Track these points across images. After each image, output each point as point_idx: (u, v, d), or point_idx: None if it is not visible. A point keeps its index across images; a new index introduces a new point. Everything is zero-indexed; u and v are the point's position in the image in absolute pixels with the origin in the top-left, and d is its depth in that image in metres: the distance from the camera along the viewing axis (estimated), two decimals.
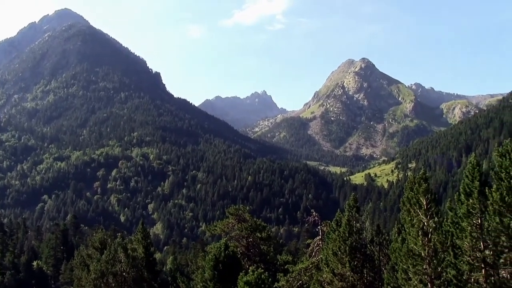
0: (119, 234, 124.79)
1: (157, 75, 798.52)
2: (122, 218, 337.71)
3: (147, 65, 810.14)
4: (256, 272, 51.80)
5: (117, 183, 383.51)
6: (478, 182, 38.06)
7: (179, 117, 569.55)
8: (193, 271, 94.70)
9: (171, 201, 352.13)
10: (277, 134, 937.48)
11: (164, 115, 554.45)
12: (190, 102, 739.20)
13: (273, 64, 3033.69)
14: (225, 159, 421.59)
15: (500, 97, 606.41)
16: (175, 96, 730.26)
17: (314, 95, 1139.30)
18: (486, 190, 37.11)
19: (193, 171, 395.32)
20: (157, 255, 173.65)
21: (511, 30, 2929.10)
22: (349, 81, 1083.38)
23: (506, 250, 36.54)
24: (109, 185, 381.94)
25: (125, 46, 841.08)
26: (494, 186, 37.27)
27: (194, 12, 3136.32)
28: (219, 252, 60.56)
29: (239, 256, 68.83)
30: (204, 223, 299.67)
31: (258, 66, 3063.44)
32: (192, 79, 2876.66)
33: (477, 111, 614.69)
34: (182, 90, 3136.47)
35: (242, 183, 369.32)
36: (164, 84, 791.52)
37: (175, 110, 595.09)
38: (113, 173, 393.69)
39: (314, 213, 72.45)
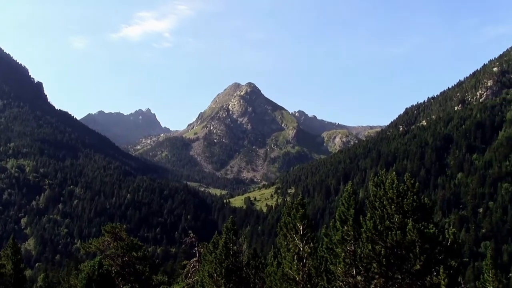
0: None
1: (39, 85, 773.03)
2: None
3: (29, 74, 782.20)
4: None
5: None
6: (353, 210, 39.04)
7: (60, 130, 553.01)
8: None
9: (46, 216, 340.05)
10: (159, 153, 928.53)
11: (44, 126, 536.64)
12: (72, 115, 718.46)
13: (159, 82, 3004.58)
14: (104, 176, 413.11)
15: (379, 129, 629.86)
16: (56, 108, 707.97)
17: (198, 116, 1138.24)
18: (361, 218, 38.16)
19: (71, 186, 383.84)
20: (28, 272, 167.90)
21: (391, 65, 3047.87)
22: (234, 104, 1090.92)
23: (377, 276, 37.64)
24: None
25: (7, 52, 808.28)
26: (368, 215, 38.42)
27: (79, 23, 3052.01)
28: (92, 270, 59.08)
29: (113, 275, 67.49)
30: (79, 240, 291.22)
31: (144, 83, 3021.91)
32: (75, 91, 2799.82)
33: (357, 142, 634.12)
34: (64, 103, 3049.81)
35: (120, 200, 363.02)
36: (46, 95, 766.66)
37: (55, 122, 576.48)
38: None
39: (191, 234, 72.40)
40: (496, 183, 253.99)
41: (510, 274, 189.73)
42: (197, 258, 69.56)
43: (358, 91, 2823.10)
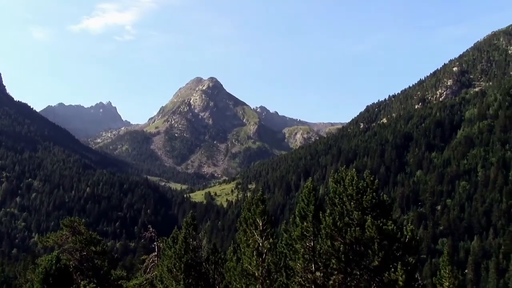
0: None
1: None
2: None
3: None
4: (88, 287, 50.43)
5: None
6: (313, 206, 39.12)
7: (18, 122, 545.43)
8: (21, 284, 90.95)
9: (3, 209, 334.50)
10: (119, 146, 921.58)
11: (2, 118, 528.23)
12: (31, 107, 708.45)
13: (120, 75, 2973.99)
14: (63, 169, 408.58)
15: (340, 126, 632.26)
16: (15, 99, 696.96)
17: (160, 110, 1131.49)
18: (320, 214, 38.28)
19: (29, 179, 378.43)
20: None
21: (353, 63, 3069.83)
22: (196, 99, 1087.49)
23: (336, 272, 37.82)
24: None
25: None
26: (328, 211, 38.57)
27: (39, 14, 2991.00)
28: (50, 265, 58.25)
29: (71, 270, 66.70)
30: (37, 234, 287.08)
31: (105, 75, 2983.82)
32: (35, 83, 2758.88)
33: (318, 138, 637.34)
34: (24, 94, 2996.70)
35: (80, 194, 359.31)
36: (5, 86, 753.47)
37: (14, 114, 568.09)
38: None
39: (151, 228, 71.98)
40: (454, 181, 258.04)
41: (466, 271, 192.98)
42: (156, 253, 69.19)
43: (320, 87, 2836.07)
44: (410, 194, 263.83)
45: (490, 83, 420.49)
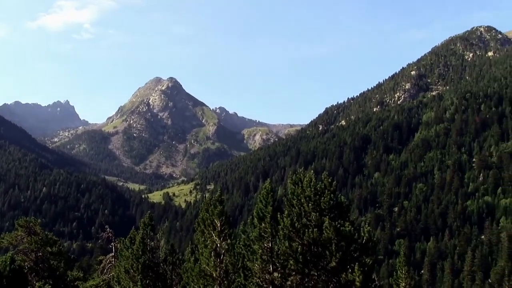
0: None
1: None
2: None
3: None
4: None
5: None
6: (271, 207, 39.12)
7: None
8: None
9: None
10: (77, 146, 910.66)
11: None
12: None
13: (79, 74, 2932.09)
14: (19, 168, 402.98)
15: (299, 128, 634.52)
16: None
17: (118, 110, 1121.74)
18: (278, 216, 38.33)
19: None
20: None
21: (313, 65, 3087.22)
22: (155, 99, 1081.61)
23: (293, 273, 37.89)
24: None
25: None
26: (286, 212, 38.64)
27: None
28: (3, 266, 57.35)
29: (26, 271, 65.76)
30: None
31: (63, 74, 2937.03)
32: None
33: (277, 139, 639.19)
34: None
35: (36, 194, 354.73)
36: None
37: None
38: None
39: (108, 229, 71.24)
40: (411, 183, 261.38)
41: (422, 271, 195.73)
42: (113, 254, 68.55)
43: (279, 89, 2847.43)
44: (367, 195, 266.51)
45: (447, 87, 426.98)
